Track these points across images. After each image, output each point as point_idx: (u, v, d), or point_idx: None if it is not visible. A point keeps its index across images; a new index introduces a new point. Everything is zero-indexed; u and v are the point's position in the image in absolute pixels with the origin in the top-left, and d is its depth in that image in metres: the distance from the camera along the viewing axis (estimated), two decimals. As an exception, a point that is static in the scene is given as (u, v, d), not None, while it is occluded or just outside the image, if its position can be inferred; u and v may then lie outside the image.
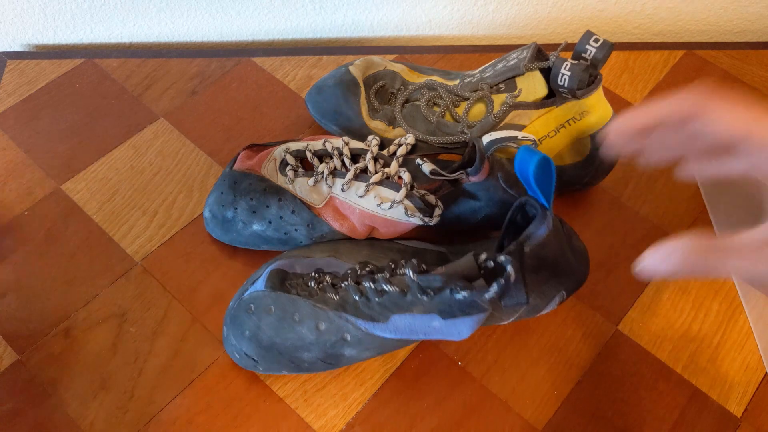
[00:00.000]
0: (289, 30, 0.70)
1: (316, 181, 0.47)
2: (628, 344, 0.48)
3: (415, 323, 0.41)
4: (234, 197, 0.49)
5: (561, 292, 0.44)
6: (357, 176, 0.46)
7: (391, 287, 0.41)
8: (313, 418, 0.45)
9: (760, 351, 0.48)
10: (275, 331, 0.43)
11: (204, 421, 0.44)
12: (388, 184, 0.46)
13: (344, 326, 0.42)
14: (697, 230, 0.34)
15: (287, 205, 0.48)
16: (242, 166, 0.50)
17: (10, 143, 0.57)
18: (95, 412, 0.45)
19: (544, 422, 0.45)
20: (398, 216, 0.46)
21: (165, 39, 0.69)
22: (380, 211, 0.46)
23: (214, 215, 0.50)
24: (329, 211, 0.47)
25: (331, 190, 0.47)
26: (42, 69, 0.62)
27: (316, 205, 0.47)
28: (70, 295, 0.49)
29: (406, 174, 0.45)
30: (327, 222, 0.47)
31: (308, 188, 0.47)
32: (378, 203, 0.45)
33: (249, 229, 0.49)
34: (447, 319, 0.40)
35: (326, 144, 0.48)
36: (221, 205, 0.49)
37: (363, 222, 0.47)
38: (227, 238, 0.50)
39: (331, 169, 0.47)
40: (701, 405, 0.46)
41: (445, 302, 0.40)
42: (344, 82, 0.54)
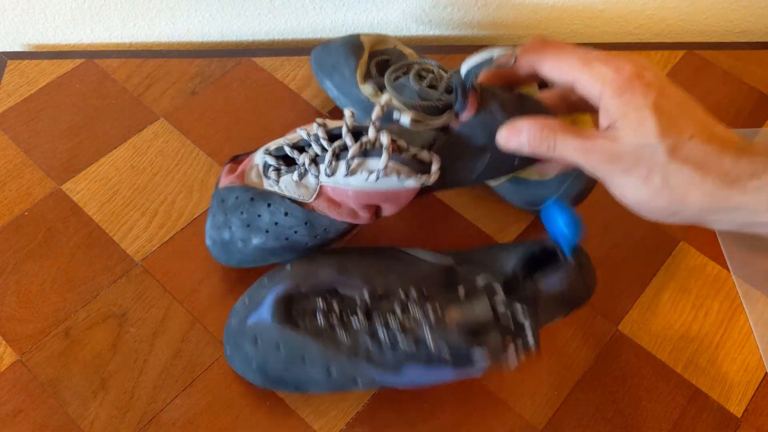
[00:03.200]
0: (289, 30, 0.70)
1: (300, 174, 0.43)
2: (628, 344, 0.48)
3: (428, 375, 0.41)
4: (225, 216, 0.46)
5: (564, 312, 0.44)
6: (338, 156, 0.41)
7: (404, 339, 0.40)
8: (313, 418, 0.45)
9: (760, 351, 0.48)
10: (284, 368, 0.42)
11: (204, 421, 0.44)
12: (375, 153, 0.40)
13: (356, 373, 0.41)
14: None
15: (278, 209, 0.44)
16: (226, 182, 0.47)
17: (10, 143, 0.57)
18: (95, 412, 0.45)
19: (544, 422, 0.45)
20: (393, 185, 0.40)
21: (165, 39, 0.69)
22: (371, 185, 0.41)
23: (214, 241, 0.48)
24: (322, 202, 0.43)
25: (318, 179, 0.42)
26: (42, 69, 0.62)
27: (307, 200, 0.43)
28: (70, 295, 0.49)
29: (384, 136, 0.39)
30: (324, 214, 0.44)
31: (294, 184, 0.43)
32: (366, 177, 0.40)
33: (250, 245, 0.46)
34: (460, 368, 0.40)
35: (300, 132, 0.44)
36: (217, 228, 0.47)
37: (360, 203, 0.42)
38: (234, 260, 0.48)
39: (312, 156, 0.42)
40: (701, 405, 0.46)
41: (461, 356, 0.40)
42: (350, 44, 0.57)
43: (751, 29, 0.72)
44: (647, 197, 0.34)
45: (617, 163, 0.33)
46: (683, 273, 0.52)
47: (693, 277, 0.52)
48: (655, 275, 0.52)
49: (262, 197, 0.44)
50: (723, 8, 0.70)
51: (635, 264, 0.52)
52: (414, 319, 0.41)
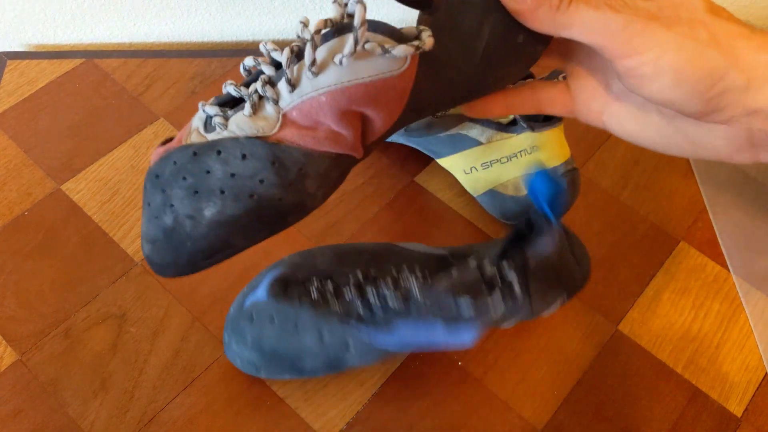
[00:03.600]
0: (289, 30, 0.70)
1: (254, 104, 0.33)
2: (628, 344, 0.48)
3: (419, 332, 0.41)
4: (163, 194, 0.34)
5: (563, 296, 0.44)
6: (298, 55, 0.32)
7: (394, 297, 0.40)
8: (313, 418, 0.45)
9: (760, 351, 0.48)
10: (277, 340, 0.42)
11: (204, 420, 0.44)
12: (345, 30, 0.31)
13: (347, 336, 0.41)
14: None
15: (232, 153, 0.33)
16: (156, 157, 0.36)
17: (10, 143, 0.57)
18: (96, 412, 0.45)
19: (545, 422, 0.45)
20: (378, 67, 0.31)
21: (165, 39, 0.69)
22: (347, 77, 0.31)
23: (153, 239, 0.35)
24: (292, 131, 0.33)
25: (279, 104, 0.33)
26: (42, 69, 0.62)
27: (269, 132, 0.33)
28: (70, 295, 0.49)
29: (356, 5, 0.29)
30: (296, 146, 0.33)
31: (249, 120, 0.33)
32: (339, 61, 0.30)
33: (202, 221, 0.34)
34: (451, 325, 0.40)
35: (243, 65, 0.35)
36: (154, 219, 0.35)
37: (340, 113, 0.32)
38: (185, 254, 0.35)
39: (265, 80, 0.33)
40: (701, 405, 0.46)
41: (450, 314, 0.40)
42: None
43: (750, 29, 0.72)
44: (692, 56, 0.29)
45: (654, 22, 0.29)
46: (683, 273, 0.52)
47: (693, 277, 0.52)
48: (655, 275, 0.52)
49: (207, 148, 0.33)
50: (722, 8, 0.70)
51: (635, 264, 0.52)
52: (405, 282, 0.41)
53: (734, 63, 0.28)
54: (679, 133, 0.33)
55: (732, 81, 0.29)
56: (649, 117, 0.33)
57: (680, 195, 0.56)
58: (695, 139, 0.32)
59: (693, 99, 0.29)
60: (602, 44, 0.30)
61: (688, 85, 0.29)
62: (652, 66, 0.29)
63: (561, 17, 0.30)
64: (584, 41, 0.30)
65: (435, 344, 0.42)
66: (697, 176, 0.57)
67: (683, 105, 0.30)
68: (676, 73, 0.29)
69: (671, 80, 0.29)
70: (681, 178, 0.57)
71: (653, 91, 0.30)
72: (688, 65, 0.28)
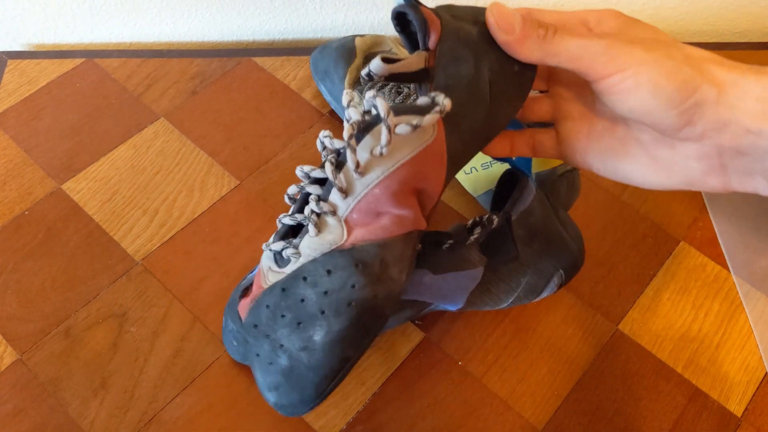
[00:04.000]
0: (289, 30, 0.70)
1: (315, 224, 0.35)
2: (628, 344, 0.49)
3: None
4: (268, 338, 0.37)
5: (559, 272, 0.44)
6: (338, 166, 0.34)
7: None
8: (313, 418, 0.45)
9: (760, 351, 0.48)
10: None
11: (205, 420, 0.44)
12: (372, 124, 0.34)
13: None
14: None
15: (317, 275, 0.35)
16: (246, 308, 0.39)
17: (11, 143, 0.57)
18: (96, 412, 0.45)
19: (545, 422, 0.45)
20: (414, 143, 0.33)
21: (166, 39, 0.69)
22: (391, 161, 0.33)
23: (278, 385, 0.37)
24: (360, 231, 0.35)
25: (337, 213, 0.35)
26: (42, 69, 0.62)
27: (341, 241, 0.35)
28: (71, 294, 0.49)
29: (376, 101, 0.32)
30: (369, 242, 0.35)
31: (318, 240, 0.35)
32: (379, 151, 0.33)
33: (315, 348, 0.36)
34: (437, 273, 0.40)
35: (287, 196, 0.38)
36: (268, 365, 0.37)
37: (395, 197, 0.34)
38: (312, 389, 0.37)
39: (316, 199, 0.35)
40: (701, 405, 0.46)
41: (434, 254, 0.40)
42: (343, 48, 0.57)
43: (751, 29, 0.72)
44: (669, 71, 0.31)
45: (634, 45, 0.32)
46: (683, 273, 0.52)
47: (693, 277, 0.52)
48: (655, 275, 0.52)
49: (292, 280, 0.35)
50: (723, 8, 0.70)
51: (635, 264, 0.52)
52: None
53: (707, 78, 0.31)
54: (655, 162, 0.36)
55: (704, 94, 0.31)
56: (628, 150, 0.36)
57: (680, 195, 0.56)
58: (670, 164, 0.35)
59: (669, 110, 0.32)
60: (587, 66, 0.32)
61: (664, 96, 0.31)
62: (632, 80, 0.32)
63: (548, 46, 0.33)
64: (570, 67, 0.33)
65: (425, 296, 0.41)
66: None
67: (660, 117, 0.32)
68: (654, 86, 0.31)
69: (649, 92, 0.31)
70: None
71: (633, 104, 0.32)
72: (665, 78, 0.31)
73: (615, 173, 0.37)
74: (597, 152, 0.38)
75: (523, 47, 0.33)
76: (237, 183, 0.56)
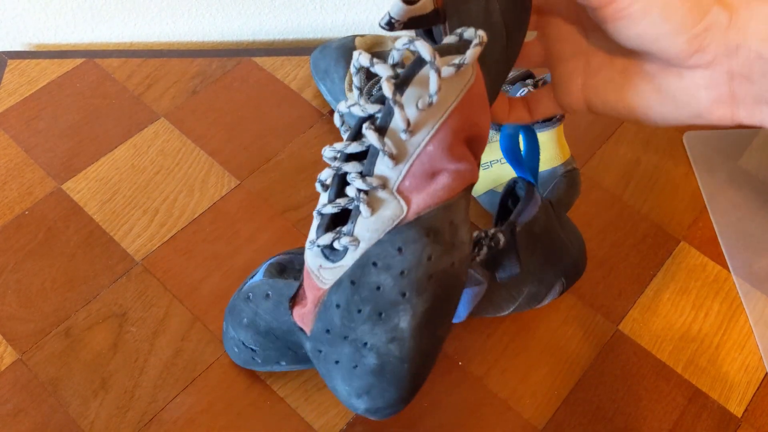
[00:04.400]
0: (289, 30, 0.70)
1: (369, 206, 0.31)
2: (628, 344, 0.49)
3: None
4: (346, 340, 0.33)
5: (561, 279, 0.44)
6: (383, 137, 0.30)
7: None
8: (313, 417, 0.45)
9: (760, 351, 0.48)
10: (272, 315, 0.41)
11: (205, 420, 0.44)
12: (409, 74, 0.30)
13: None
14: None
15: (388, 256, 0.31)
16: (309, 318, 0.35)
17: (11, 143, 0.57)
18: (96, 412, 0.45)
19: (545, 422, 0.45)
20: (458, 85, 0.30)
21: (166, 39, 0.69)
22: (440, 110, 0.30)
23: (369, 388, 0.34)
24: (420, 197, 0.31)
25: (388, 186, 0.31)
26: (43, 69, 0.62)
27: (402, 214, 0.31)
28: (71, 294, 0.49)
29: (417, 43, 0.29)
30: (434, 206, 0.31)
31: (375, 220, 0.31)
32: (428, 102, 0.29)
33: (406, 337, 0.33)
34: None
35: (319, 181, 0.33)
36: (354, 369, 0.34)
37: (450, 150, 0.31)
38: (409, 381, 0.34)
39: (360, 177, 0.31)
40: (701, 405, 0.46)
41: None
42: (343, 48, 0.58)
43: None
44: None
45: None
46: (683, 273, 0.52)
47: (693, 277, 0.52)
48: (655, 275, 0.52)
49: (360, 269, 0.32)
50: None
51: (635, 264, 0.52)
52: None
53: (717, 0, 0.30)
54: (660, 93, 0.33)
55: (715, 17, 0.30)
56: (630, 81, 0.34)
57: (681, 195, 0.56)
58: (676, 94, 0.33)
59: (679, 35, 0.30)
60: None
61: (675, 19, 0.30)
62: (642, 3, 0.30)
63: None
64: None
65: None
66: (698, 176, 0.57)
67: (669, 43, 0.31)
68: (665, 8, 0.30)
69: (660, 15, 0.30)
70: (681, 178, 0.57)
71: (642, 29, 0.30)
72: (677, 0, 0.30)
73: (616, 109, 0.35)
74: (596, 88, 0.36)
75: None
76: (237, 183, 0.56)
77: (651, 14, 0.30)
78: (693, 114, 0.33)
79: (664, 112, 0.34)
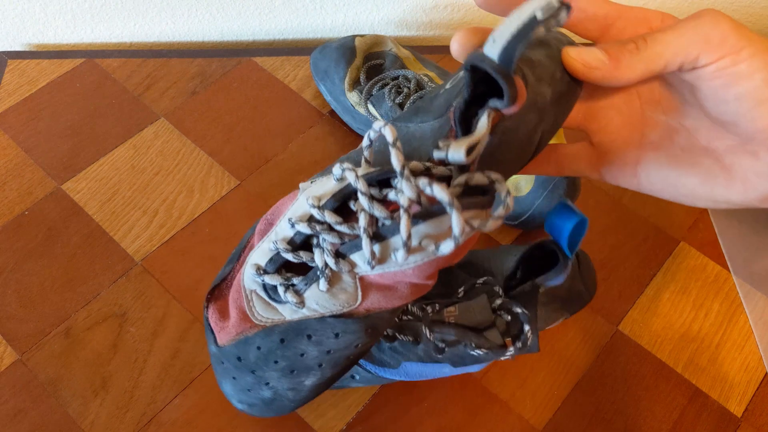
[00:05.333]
0: (289, 30, 0.70)
1: (328, 278, 0.30)
2: (628, 344, 0.48)
3: (426, 370, 0.41)
4: (254, 375, 0.35)
5: (566, 315, 0.44)
6: (377, 237, 0.29)
7: (403, 336, 0.39)
8: (312, 418, 0.45)
9: (760, 351, 0.48)
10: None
11: (204, 421, 0.44)
12: (429, 211, 0.27)
13: (353, 369, 0.41)
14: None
15: (324, 335, 0.32)
16: (227, 336, 0.34)
17: (11, 143, 0.57)
18: (95, 412, 0.45)
19: (545, 423, 0.45)
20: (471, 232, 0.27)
21: (166, 39, 0.69)
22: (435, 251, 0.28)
23: (251, 404, 0.37)
24: (376, 297, 0.31)
25: (355, 271, 0.30)
26: (43, 69, 0.62)
27: (354, 304, 0.31)
28: (71, 294, 0.49)
29: (440, 190, 0.26)
30: (384, 309, 0.32)
31: (327, 296, 0.31)
32: (434, 250, 0.28)
33: (304, 389, 0.35)
34: (458, 367, 0.40)
35: (296, 227, 0.31)
36: (247, 391, 0.36)
37: (425, 275, 0.30)
38: (289, 410, 0.38)
39: (331, 250, 0.30)
40: (701, 405, 0.46)
41: (458, 354, 0.39)
42: (343, 48, 0.58)
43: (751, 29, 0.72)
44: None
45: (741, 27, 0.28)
46: (683, 273, 0.52)
47: (693, 277, 0.52)
48: (655, 275, 0.52)
49: (294, 333, 0.32)
50: (723, 8, 0.70)
51: (635, 264, 0.52)
52: (412, 315, 0.40)
53: None
54: (730, 174, 0.30)
55: None
56: (696, 160, 0.31)
57: (680, 195, 0.56)
58: (748, 176, 0.30)
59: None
60: (699, 51, 0.28)
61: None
62: (747, 64, 0.27)
63: (647, 53, 0.28)
64: (677, 63, 0.28)
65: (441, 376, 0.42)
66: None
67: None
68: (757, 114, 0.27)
69: (764, 78, 0.27)
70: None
71: (743, 91, 0.28)
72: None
73: (676, 190, 0.32)
74: (653, 166, 0.32)
75: (621, 68, 0.29)
76: (237, 183, 0.56)
77: (756, 76, 0.27)
78: (763, 197, 0.30)
79: (732, 195, 0.31)
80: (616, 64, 0.29)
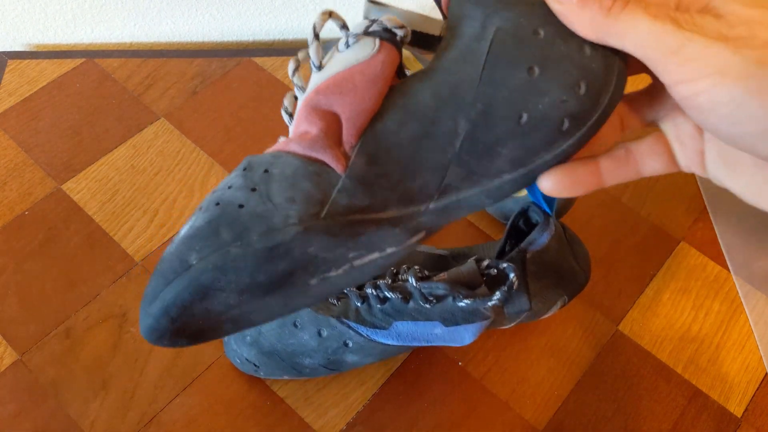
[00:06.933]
0: (289, 30, 0.70)
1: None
2: (628, 344, 0.49)
3: (418, 330, 0.41)
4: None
5: (563, 297, 0.44)
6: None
7: (393, 294, 0.40)
8: (313, 418, 0.45)
9: (760, 351, 0.48)
10: (276, 338, 0.42)
11: (205, 421, 0.45)
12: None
13: (346, 333, 0.42)
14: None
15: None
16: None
17: (11, 143, 0.57)
18: (96, 412, 0.45)
19: (545, 422, 0.45)
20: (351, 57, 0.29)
21: (166, 39, 0.69)
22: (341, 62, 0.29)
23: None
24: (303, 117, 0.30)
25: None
26: (43, 69, 0.62)
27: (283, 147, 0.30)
28: (71, 295, 0.49)
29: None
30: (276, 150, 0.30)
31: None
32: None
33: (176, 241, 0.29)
34: (450, 326, 0.40)
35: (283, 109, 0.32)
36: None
37: (309, 109, 0.29)
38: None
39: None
40: (701, 405, 0.46)
41: (448, 310, 0.40)
42: None
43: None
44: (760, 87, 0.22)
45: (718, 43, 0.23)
46: (683, 273, 0.52)
47: (693, 277, 0.52)
48: (655, 275, 0.52)
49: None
50: None
51: (635, 264, 0.52)
52: (403, 280, 0.41)
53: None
54: None
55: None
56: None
57: (680, 195, 0.56)
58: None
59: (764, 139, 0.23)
60: (655, 64, 0.24)
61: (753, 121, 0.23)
62: (706, 96, 0.23)
63: (610, 22, 0.24)
64: (638, 56, 0.25)
65: (434, 342, 0.42)
66: (698, 176, 0.57)
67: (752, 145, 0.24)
68: (736, 107, 0.23)
69: (728, 115, 0.23)
70: (682, 178, 0.57)
71: (712, 127, 0.24)
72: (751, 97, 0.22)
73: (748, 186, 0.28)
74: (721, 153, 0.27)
75: (579, 19, 0.25)
76: (237, 183, 0.56)
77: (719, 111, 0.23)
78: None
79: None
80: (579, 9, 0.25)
